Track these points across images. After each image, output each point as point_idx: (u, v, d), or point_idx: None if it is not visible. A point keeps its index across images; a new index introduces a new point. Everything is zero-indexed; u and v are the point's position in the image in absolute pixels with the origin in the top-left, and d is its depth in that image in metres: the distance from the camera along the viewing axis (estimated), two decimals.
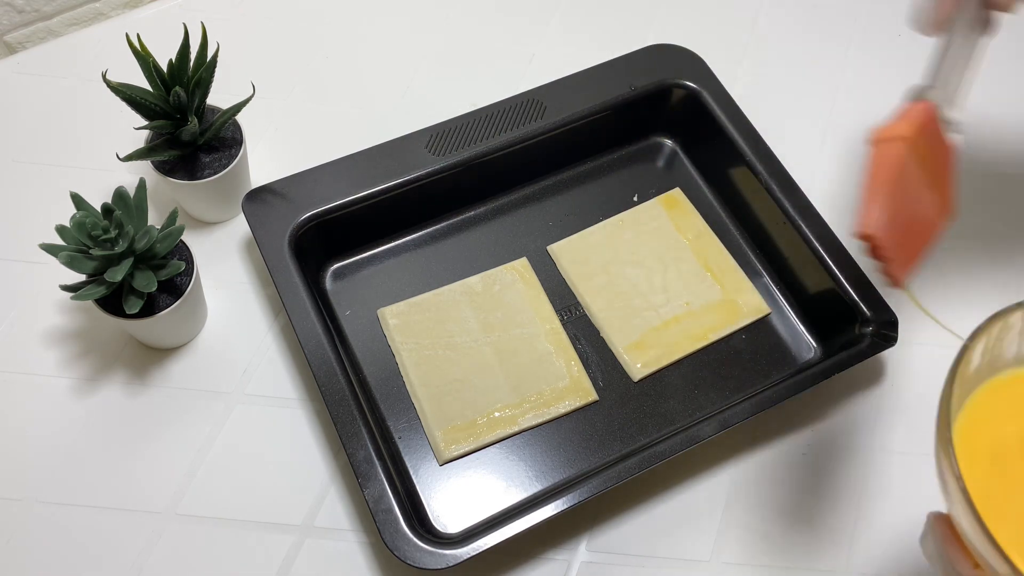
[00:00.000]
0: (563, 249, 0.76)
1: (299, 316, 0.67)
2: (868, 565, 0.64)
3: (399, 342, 0.71)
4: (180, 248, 0.69)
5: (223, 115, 0.71)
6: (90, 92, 0.81)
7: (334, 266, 0.75)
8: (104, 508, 0.65)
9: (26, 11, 0.93)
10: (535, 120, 0.77)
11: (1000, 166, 0.83)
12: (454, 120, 0.76)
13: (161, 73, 0.68)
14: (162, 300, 0.66)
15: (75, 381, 0.70)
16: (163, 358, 0.71)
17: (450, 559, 0.58)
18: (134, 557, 0.64)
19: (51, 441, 0.68)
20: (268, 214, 0.71)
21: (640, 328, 0.72)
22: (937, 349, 0.74)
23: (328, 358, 0.65)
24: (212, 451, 0.68)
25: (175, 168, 0.72)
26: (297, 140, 0.82)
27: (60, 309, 0.72)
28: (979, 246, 0.78)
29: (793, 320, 0.74)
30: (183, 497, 0.66)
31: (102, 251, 0.61)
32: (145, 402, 0.69)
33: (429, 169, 0.74)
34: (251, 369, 0.71)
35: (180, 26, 0.69)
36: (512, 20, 0.91)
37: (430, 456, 0.67)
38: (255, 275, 0.75)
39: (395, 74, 0.87)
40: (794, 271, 0.74)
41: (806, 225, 0.73)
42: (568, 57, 0.83)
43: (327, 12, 0.90)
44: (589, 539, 0.65)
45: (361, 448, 0.62)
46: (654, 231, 0.77)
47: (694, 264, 0.75)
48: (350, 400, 0.64)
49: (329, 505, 0.66)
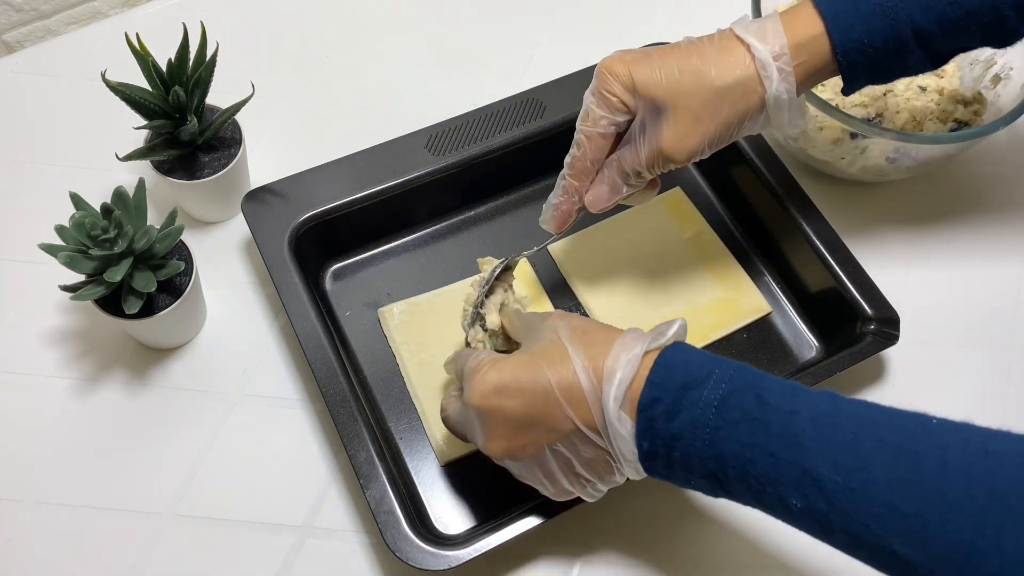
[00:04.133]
0: (563, 249, 0.76)
1: (299, 316, 0.67)
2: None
3: (399, 342, 0.70)
4: (179, 248, 0.68)
5: (222, 115, 0.71)
6: (89, 91, 0.81)
7: (334, 266, 0.75)
8: (104, 508, 0.65)
9: (24, 10, 0.93)
10: (535, 120, 0.77)
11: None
12: (454, 120, 0.76)
13: (160, 72, 0.68)
14: (161, 300, 0.66)
15: (75, 381, 0.70)
16: (163, 358, 0.71)
17: (452, 560, 0.58)
18: (134, 557, 0.63)
19: (51, 441, 0.67)
20: (267, 214, 0.71)
21: (641, 328, 0.72)
22: (938, 348, 0.74)
23: (328, 358, 0.65)
24: (212, 451, 0.67)
25: (174, 168, 0.72)
26: (297, 140, 0.82)
27: (60, 309, 0.72)
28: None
29: (794, 319, 0.74)
30: (183, 497, 0.66)
31: (101, 251, 0.61)
32: (145, 402, 0.69)
33: (429, 169, 0.74)
34: (251, 369, 0.71)
35: (179, 25, 0.69)
36: (512, 20, 0.91)
37: (431, 457, 0.67)
38: (255, 275, 0.75)
39: (395, 74, 0.87)
40: (795, 270, 0.74)
41: (807, 224, 0.72)
42: (568, 57, 0.83)
43: (327, 12, 0.90)
44: (590, 540, 0.65)
45: (363, 449, 0.62)
46: (655, 230, 0.77)
47: (695, 263, 0.75)
48: (351, 401, 0.64)
49: (329, 506, 0.66)
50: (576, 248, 0.76)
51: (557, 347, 0.54)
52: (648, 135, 0.60)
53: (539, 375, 0.53)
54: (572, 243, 0.76)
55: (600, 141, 0.62)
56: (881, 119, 0.78)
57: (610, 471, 0.54)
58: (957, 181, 0.82)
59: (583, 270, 0.75)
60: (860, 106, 0.78)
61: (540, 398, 0.53)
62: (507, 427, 0.54)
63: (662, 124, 0.59)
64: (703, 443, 0.50)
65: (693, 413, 0.50)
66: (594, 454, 0.53)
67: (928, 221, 0.80)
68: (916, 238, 0.79)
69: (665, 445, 0.51)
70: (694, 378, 0.50)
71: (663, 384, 0.51)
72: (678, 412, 0.50)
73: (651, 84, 0.59)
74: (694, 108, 0.59)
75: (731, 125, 0.60)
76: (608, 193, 0.64)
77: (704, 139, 0.60)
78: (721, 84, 0.58)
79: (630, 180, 0.63)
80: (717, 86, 0.58)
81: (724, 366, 0.51)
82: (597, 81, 0.61)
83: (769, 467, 0.48)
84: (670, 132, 0.59)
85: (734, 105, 0.59)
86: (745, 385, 0.50)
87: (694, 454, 0.50)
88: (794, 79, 0.59)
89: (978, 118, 0.77)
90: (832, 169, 0.78)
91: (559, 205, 0.66)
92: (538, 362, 0.54)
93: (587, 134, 0.62)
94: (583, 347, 0.53)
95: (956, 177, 0.82)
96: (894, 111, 0.78)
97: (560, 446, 0.54)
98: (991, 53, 0.78)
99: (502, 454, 0.55)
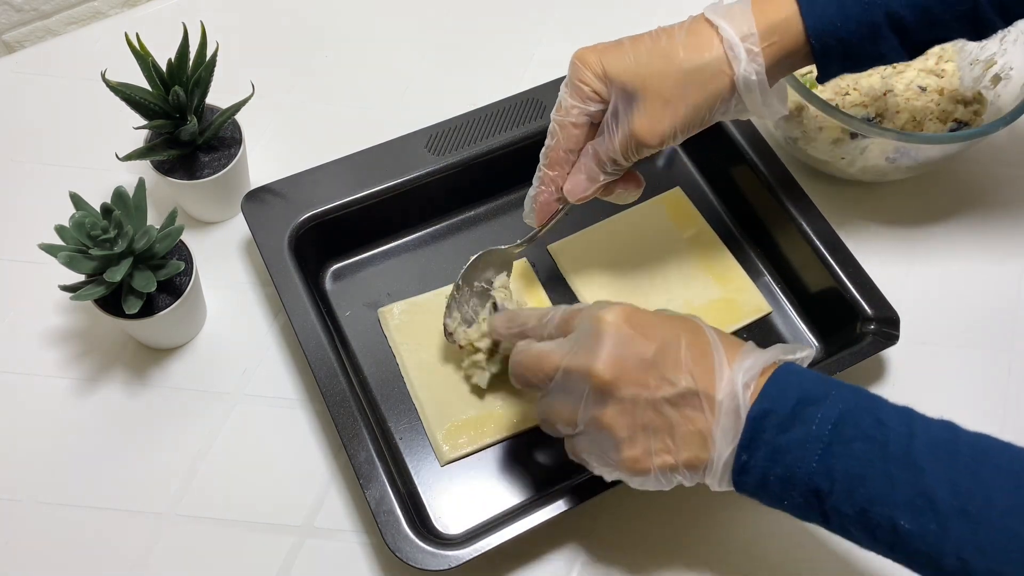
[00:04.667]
0: (563, 249, 0.76)
1: (299, 316, 0.67)
2: (872, 561, 0.65)
3: (399, 342, 0.70)
4: (179, 248, 0.68)
5: (222, 114, 0.71)
6: (89, 91, 0.81)
7: (334, 266, 0.75)
8: (104, 508, 0.65)
9: (24, 10, 0.93)
10: (535, 120, 0.77)
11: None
12: (454, 120, 0.76)
13: (160, 72, 0.68)
14: (161, 300, 0.66)
15: (75, 381, 0.70)
16: (163, 358, 0.71)
17: (452, 560, 0.58)
18: (134, 557, 0.63)
19: (51, 441, 0.67)
20: (267, 214, 0.71)
21: None
22: (938, 348, 0.74)
23: (328, 358, 0.65)
24: (212, 451, 0.67)
25: (174, 168, 0.72)
26: (297, 140, 0.82)
27: (60, 309, 0.72)
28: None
29: (794, 319, 0.74)
30: (183, 497, 0.66)
31: (101, 251, 0.61)
32: (145, 402, 0.69)
33: (429, 169, 0.74)
34: (251, 369, 0.71)
35: (179, 25, 0.69)
36: (512, 20, 0.91)
37: (431, 457, 0.67)
38: (255, 275, 0.75)
39: (395, 74, 0.87)
40: (795, 270, 0.74)
41: (807, 223, 0.72)
42: (568, 56, 0.82)
43: (327, 12, 0.90)
44: (590, 540, 0.65)
45: (362, 449, 0.62)
46: (655, 230, 0.77)
47: (695, 263, 0.75)
48: (351, 401, 0.64)
49: (329, 506, 0.66)
50: (576, 248, 0.76)
51: (692, 322, 0.55)
52: (620, 121, 0.61)
53: (674, 330, 0.53)
54: (572, 243, 0.76)
55: (573, 131, 0.63)
56: (881, 119, 0.78)
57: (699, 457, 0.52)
58: (957, 181, 0.82)
59: (583, 270, 0.75)
60: (860, 106, 0.78)
61: (671, 348, 0.52)
62: (630, 355, 0.52)
63: (634, 109, 0.60)
64: (814, 457, 0.49)
65: (807, 428, 0.49)
66: (695, 428, 0.52)
67: (928, 221, 0.80)
68: (916, 238, 0.79)
69: (767, 458, 0.50)
70: (811, 395, 0.50)
71: (777, 398, 0.50)
72: (792, 426, 0.50)
73: (621, 70, 0.60)
74: (664, 91, 0.59)
75: (701, 108, 0.60)
76: (585, 182, 0.64)
77: (675, 122, 0.60)
78: (689, 66, 0.59)
79: (606, 168, 0.63)
80: (686, 68, 0.59)
81: (841, 387, 0.51)
82: (570, 71, 0.62)
83: (882, 486, 0.47)
84: (641, 116, 0.59)
85: (703, 87, 0.59)
86: (862, 406, 0.50)
87: (801, 468, 0.49)
88: (763, 60, 0.58)
89: (978, 118, 0.77)
90: (832, 169, 0.78)
91: (537, 196, 0.66)
92: (673, 322, 0.54)
93: (559, 123, 0.63)
94: (718, 335, 0.54)
95: (956, 177, 0.82)
96: (894, 111, 0.78)
97: (667, 404, 0.52)
98: (991, 53, 0.78)
99: (612, 378, 0.52)
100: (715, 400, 0.51)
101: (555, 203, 0.66)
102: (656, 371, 0.52)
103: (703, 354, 0.52)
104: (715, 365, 0.52)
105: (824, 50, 0.59)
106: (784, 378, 0.51)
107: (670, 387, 0.52)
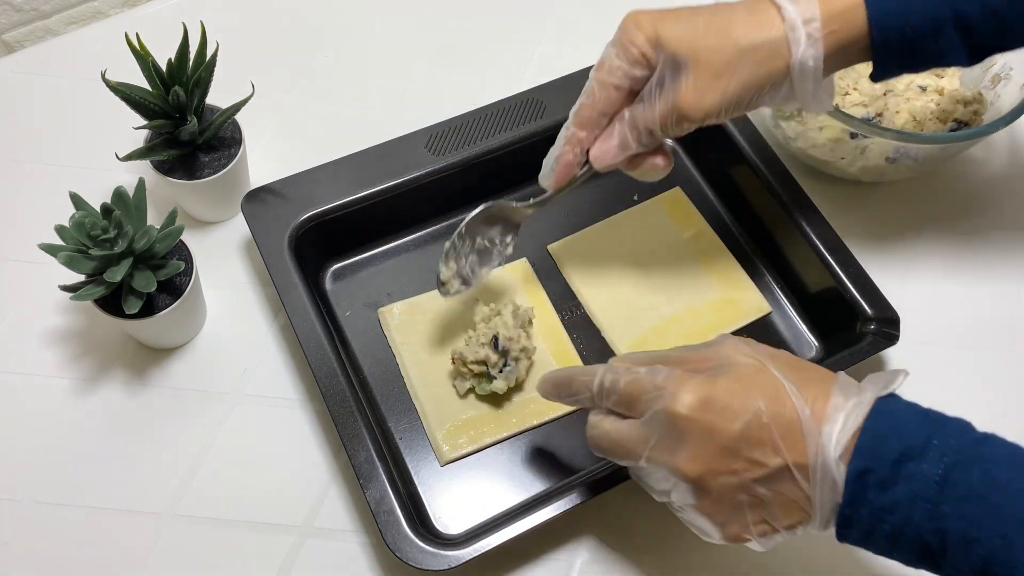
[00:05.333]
0: (563, 249, 0.76)
1: (299, 316, 0.67)
2: (869, 559, 0.65)
3: (399, 342, 0.70)
4: (179, 248, 0.68)
5: (222, 114, 0.71)
6: (89, 91, 0.81)
7: (334, 266, 0.75)
8: (104, 508, 0.65)
9: (24, 10, 0.93)
10: (535, 120, 0.77)
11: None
12: (454, 120, 0.76)
13: (160, 72, 0.68)
14: (161, 300, 0.66)
15: (75, 381, 0.70)
16: (163, 358, 0.71)
17: (452, 560, 0.58)
18: (134, 557, 0.63)
19: (51, 441, 0.67)
20: (267, 214, 0.71)
21: (641, 328, 0.72)
22: (938, 348, 0.74)
23: (328, 358, 0.65)
24: (212, 451, 0.67)
25: (174, 168, 0.72)
26: (297, 140, 0.82)
27: (59, 309, 0.72)
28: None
29: (794, 319, 0.74)
30: (183, 497, 0.66)
31: (101, 251, 0.61)
32: (145, 402, 0.69)
33: (429, 169, 0.74)
34: (251, 369, 0.71)
35: (179, 25, 0.69)
36: (512, 20, 0.91)
37: (431, 457, 0.67)
38: (255, 275, 0.75)
39: (395, 74, 0.86)
40: (795, 270, 0.74)
41: (807, 224, 0.72)
42: (568, 57, 0.83)
43: (327, 12, 0.90)
44: (590, 539, 0.65)
45: (362, 449, 0.62)
46: (655, 230, 0.77)
47: (695, 263, 0.75)
48: (351, 400, 0.64)
49: (329, 506, 0.66)
50: (576, 248, 0.76)
51: (766, 376, 0.51)
52: (665, 91, 0.58)
53: (751, 401, 0.50)
54: (572, 243, 0.76)
55: (613, 92, 0.60)
56: (881, 119, 0.78)
57: (799, 521, 0.51)
58: (957, 181, 0.82)
59: (583, 270, 0.75)
60: (860, 106, 0.78)
61: (753, 426, 0.49)
62: (712, 447, 0.50)
63: (681, 80, 0.57)
64: (922, 518, 0.47)
65: (911, 486, 0.47)
66: (791, 499, 0.50)
67: (928, 221, 0.80)
68: (916, 238, 0.79)
69: (873, 516, 0.48)
70: (910, 447, 0.48)
71: (875, 453, 0.48)
72: (894, 484, 0.47)
73: (675, 39, 0.57)
74: (715, 65, 0.57)
75: (751, 87, 0.58)
76: (616, 148, 0.61)
77: (722, 99, 0.58)
78: (746, 43, 0.57)
79: (641, 138, 0.60)
80: (742, 44, 0.57)
81: (942, 432, 0.48)
82: (620, 32, 0.59)
83: (999, 548, 0.45)
84: (688, 88, 0.57)
85: (757, 66, 0.57)
86: (968, 458, 0.47)
87: (909, 528, 0.47)
88: (822, 47, 0.56)
89: (978, 118, 0.77)
90: (832, 169, 0.78)
91: (561, 156, 0.63)
92: (749, 388, 0.50)
93: (600, 82, 0.60)
94: (799, 384, 0.50)
95: (956, 177, 0.82)
96: (894, 111, 0.78)
97: (759, 484, 0.50)
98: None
99: (697, 476, 0.50)
100: (808, 468, 0.49)
101: (576, 166, 0.63)
102: (743, 455, 0.50)
103: (788, 423, 0.49)
104: (804, 433, 0.49)
105: (884, 43, 0.57)
106: (880, 428, 0.48)
107: (760, 468, 0.50)
